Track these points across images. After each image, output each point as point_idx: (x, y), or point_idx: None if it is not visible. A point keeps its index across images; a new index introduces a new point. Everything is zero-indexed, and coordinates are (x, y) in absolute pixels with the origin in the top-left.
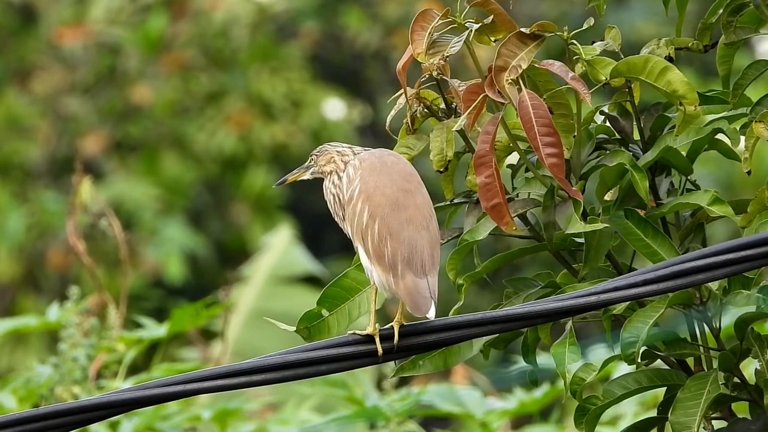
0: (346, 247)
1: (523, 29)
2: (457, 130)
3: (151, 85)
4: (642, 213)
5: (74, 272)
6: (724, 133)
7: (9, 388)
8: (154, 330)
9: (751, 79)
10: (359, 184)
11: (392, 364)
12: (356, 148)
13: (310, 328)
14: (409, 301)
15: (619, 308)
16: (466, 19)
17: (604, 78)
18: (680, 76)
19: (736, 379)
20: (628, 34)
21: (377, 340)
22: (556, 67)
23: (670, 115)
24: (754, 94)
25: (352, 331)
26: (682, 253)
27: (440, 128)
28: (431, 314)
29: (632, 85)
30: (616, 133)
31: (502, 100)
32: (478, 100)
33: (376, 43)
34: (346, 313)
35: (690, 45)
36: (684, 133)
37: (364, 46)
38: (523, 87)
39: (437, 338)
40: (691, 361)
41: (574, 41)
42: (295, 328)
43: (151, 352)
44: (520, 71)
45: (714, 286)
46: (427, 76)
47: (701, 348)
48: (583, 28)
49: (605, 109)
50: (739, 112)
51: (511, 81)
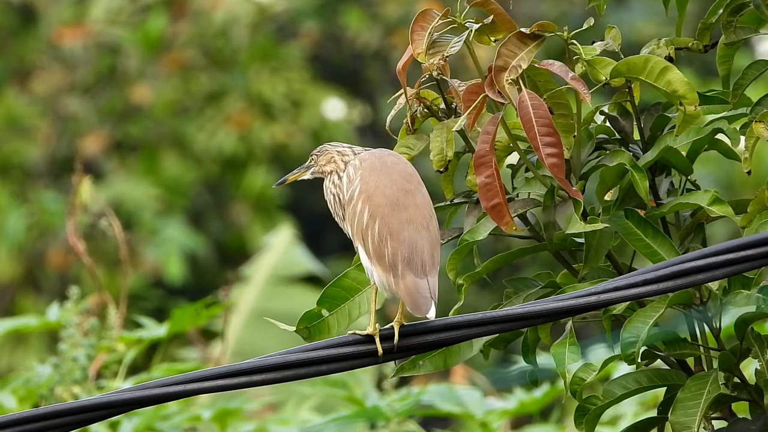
0: (347, 247)
1: (523, 29)
2: (457, 130)
3: (151, 85)
4: (642, 213)
5: (74, 272)
6: (724, 133)
7: (9, 388)
8: (154, 330)
9: (751, 79)
10: (359, 184)
11: (392, 364)
12: (356, 148)
13: (310, 328)
14: (409, 301)
15: (619, 308)
16: (466, 19)
17: (604, 78)
18: (680, 76)
19: (736, 379)
20: (628, 34)
21: (377, 340)
22: (556, 67)
23: (670, 115)
24: (754, 94)
25: (352, 331)
26: (682, 253)
27: (440, 128)
28: (431, 314)
29: (632, 85)
30: (616, 133)
31: (502, 100)
32: (478, 100)
33: (376, 43)
34: (346, 313)
35: (690, 45)
36: (684, 133)
37: (364, 46)
38: (523, 87)
39: (437, 338)
40: (691, 361)
41: (574, 41)
42: (295, 328)
43: (151, 352)
44: (520, 71)
45: (714, 286)
46: (427, 76)
47: (701, 348)
48: (583, 28)
49: (605, 109)
50: (739, 112)
51: (511, 81)
